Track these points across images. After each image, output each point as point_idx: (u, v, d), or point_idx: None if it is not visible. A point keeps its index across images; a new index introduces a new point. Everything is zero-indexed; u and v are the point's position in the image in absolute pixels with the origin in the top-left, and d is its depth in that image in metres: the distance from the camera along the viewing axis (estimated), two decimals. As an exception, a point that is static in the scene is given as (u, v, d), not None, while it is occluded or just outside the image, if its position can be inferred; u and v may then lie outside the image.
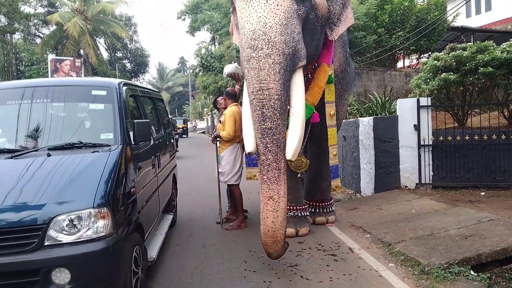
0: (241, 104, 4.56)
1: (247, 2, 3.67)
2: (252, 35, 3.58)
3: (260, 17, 3.58)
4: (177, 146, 13.33)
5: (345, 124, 7.56)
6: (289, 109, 3.88)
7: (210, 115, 39.13)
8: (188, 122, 37.25)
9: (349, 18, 4.53)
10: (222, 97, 5.93)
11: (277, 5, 3.60)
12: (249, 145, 3.88)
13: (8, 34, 20.20)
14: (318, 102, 4.76)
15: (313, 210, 5.48)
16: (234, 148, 5.44)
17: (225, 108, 5.61)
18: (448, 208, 5.69)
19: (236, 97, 5.66)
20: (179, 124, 26.68)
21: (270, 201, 3.57)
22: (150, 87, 8.30)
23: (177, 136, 13.00)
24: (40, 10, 27.17)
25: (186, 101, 62.17)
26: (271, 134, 3.57)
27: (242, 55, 3.76)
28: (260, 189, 3.69)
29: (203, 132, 42.67)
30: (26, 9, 23.37)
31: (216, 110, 5.48)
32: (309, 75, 4.68)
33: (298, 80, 3.84)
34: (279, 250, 3.65)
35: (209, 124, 39.47)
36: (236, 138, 5.35)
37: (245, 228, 5.40)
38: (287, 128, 3.85)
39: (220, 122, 5.61)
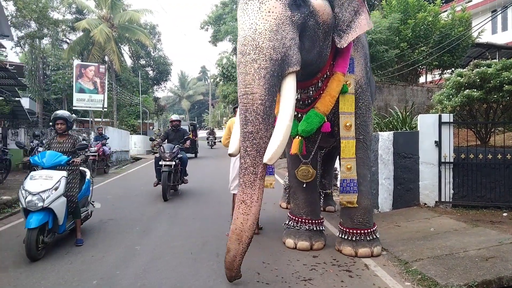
0: None
1: (243, 10, 3.76)
2: (243, 41, 3.65)
3: (252, 23, 3.64)
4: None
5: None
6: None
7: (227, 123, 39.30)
8: (212, 130, 33.33)
9: (362, 25, 4.44)
10: None
11: (269, 11, 3.64)
12: (232, 147, 4.06)
13: (37, 39, 20.76)
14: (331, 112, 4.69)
15: (352, 239, 4.76)
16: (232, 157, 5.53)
17: None
18: (468, 228, 5.54)
19: None
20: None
21: (242, 205, 3.58)
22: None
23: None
24: (68, 16, 27.95)
25: (206, 110, 62.71)
26: (252, 138, 3.57)
27: (236, 61, 3.81)
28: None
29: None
30: (55, 15, 24.10)
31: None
32: (320, 83, 4.61)
33: (288, 86, 3.80)
34: (240, 250, 3.58)
35: (228, 133, 39.65)
36: None
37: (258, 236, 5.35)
38: None
39: None
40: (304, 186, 5.04)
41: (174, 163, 8.29)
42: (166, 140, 9.10)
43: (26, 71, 23.14)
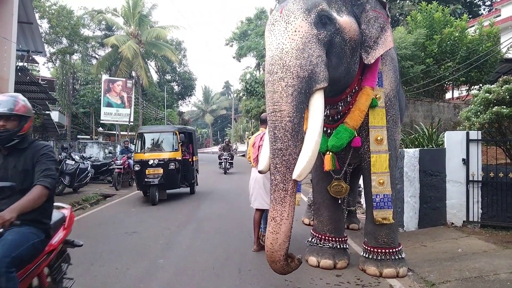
0: None
1: (270, 31, 3.84)
2: (271, 60, 3.72)
3: (278, 43, 3.71)
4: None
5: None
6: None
7: (251, 139, 39.44)
8: (227, 143, 19.99)
9: (388, 41, 4.45)
10: None
11: (295, 31, 3.70)
12: (262, 164, 4.13)
13: (68, 55, 21.57)
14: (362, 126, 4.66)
15: (377, 258, 4.66)
16: (252, 172, 5.72)
17: None
18: (498, 250, 5.35)
19: (265, 122, 5.79)
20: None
21: (272, 222, 3.59)
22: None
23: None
24: (98, 33, 28.94)
25: (229, 124, 63.21)
26: (281, 155, 3.60)
27: (264, 80, 3.87)
28: None
29: (243, 155, 43.00)
30: (85, 32, 25.02)
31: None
32: (349, 98, 4.60)
33: (316, 102, 3.82)
34: (279, 268, 3.68)
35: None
36: (253, 161, 5.65)
37: None
38: None
39: None
40: (334, 202, 5.00)
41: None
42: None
43: (56, 85, 24.01)
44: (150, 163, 9.67)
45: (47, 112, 17.73)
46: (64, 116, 26.33)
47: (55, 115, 23.67)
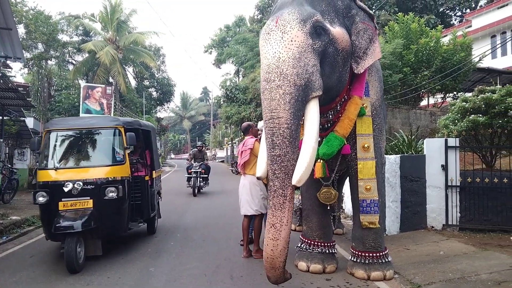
0: None
1: (265, 40, 3.93)
2: (267, 69, 3.82)
3: (275, 52, 3.80)
4: None
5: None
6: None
7: (230, 145, 39.48)
8: (200, 149, 14.39)
9: (376, 52, 4.65)
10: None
11: (291, 40, 3.81)
12: (260, 170, 4.13)
13: (44, 61, 21.17)
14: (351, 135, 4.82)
15: (365, 262, 4.80)
16: (241, 179, 5.85)
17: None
18: (478, 252, 5.60)
19: (247, 131, 5.99)
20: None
21: (272, 229, 3.65)
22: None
23: None
24: (75, 38, 28.48)
25: (207, 130, 62.99)
26: (280, 161, 3.68)
27: (260, 88, 3.96)
28: None
29: (222, 161, 42.93)
30: (63, 37, 24.58)
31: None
32: (338, 107, 4.74)
33: (312, 110, 3.94)
34: (277, 275, 3.73)
35: (229, 154, 39.74)
36: (240, 168, 5.77)
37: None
38: None
39: None
40: (322, 208, 5.13)
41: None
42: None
43: (31, 91, 23.45)
44: (66, 189, 5.24)
45: (23, 118, 17.30)
46: (39, 122, 25.72)
47: (30, 122, 23.05)
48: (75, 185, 5.27)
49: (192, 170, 13.04)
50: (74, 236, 4.89)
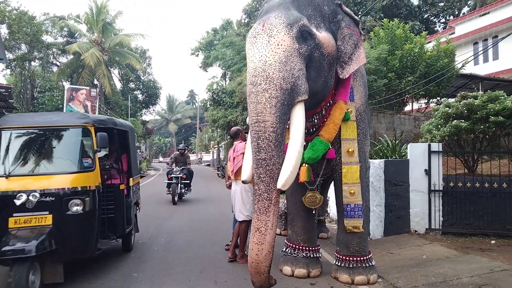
0: None
1: (252, 44, 3.94)
2: (253, 72, 3.83)
3: (261, 56, 3.82)
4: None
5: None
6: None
7: (216, 148, 39.38)
8: (182, 152, 12.71)
9: (361, 57, 4.69)
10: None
11: (278, 44, 3.83)
12: (245, 174, 4.14)
13: (27, 62, 20.83)
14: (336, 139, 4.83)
15: (349, 266, 4.80)
16: (232, 185, 5.86)
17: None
18: (460, 256, 5.68)
19: (236, 136, 6.10)
20: None
21: (257, 233, 3.65)
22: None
23: None
24: (60, 39, 28.08)
25: (193, 134, 62.75)
26: (265, 164, 3.69)
27: (246, 91, 3.95)
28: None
29: (208, 165, 42.80)
30: (47, 38, 24.24)
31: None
32: (323, 112, 4.76)
33: (297, 114, 3.95)
34: (262, 280, 3.73)
35: (215, 157, 39.63)
36: (232, 174, 5.77)
37: None
38: None
39: None
40: (307, 213, 5.14)
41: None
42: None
43: (14, 93, 23.03)
44: (19, 201, 4.33)
45: (5, 120, 17.00)
46: (22, 124, 25.29)
47: (12, 124, 22.68)
48: (30, 197, 4.29)
49: (172, 175, 11.77)
50: (25, 262, 3.91)
